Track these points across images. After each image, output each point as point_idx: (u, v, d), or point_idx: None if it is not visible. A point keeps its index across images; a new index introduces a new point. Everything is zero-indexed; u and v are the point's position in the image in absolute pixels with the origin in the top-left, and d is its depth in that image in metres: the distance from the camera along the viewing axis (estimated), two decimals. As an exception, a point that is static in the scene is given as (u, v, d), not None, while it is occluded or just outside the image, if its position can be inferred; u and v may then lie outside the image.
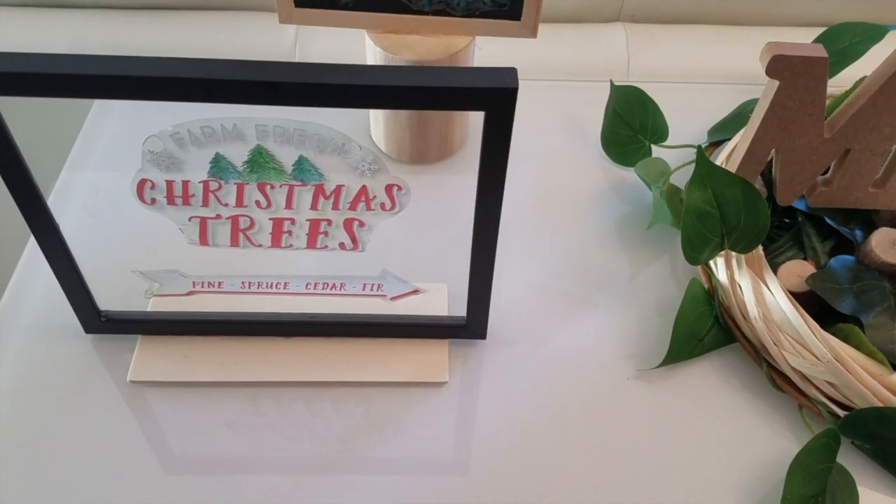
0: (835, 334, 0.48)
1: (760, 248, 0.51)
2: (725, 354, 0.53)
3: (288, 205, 0.43)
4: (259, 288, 0.50)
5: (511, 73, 0.37)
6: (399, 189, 0.43)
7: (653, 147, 0.63)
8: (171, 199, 0.42)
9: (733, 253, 0.51)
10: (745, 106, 0.66)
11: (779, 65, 0.45)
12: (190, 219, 0.44)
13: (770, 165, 0.53)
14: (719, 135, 0.65)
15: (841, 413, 0.48)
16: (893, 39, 0.61)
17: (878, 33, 0.61)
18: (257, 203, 0.43)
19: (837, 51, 0.61)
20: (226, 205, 0.43)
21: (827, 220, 0.55)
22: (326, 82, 0.36)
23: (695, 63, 0.74)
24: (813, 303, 0.51)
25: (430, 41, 0.56)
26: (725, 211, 0.49)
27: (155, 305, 0.53)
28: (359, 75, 0.36)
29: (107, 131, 0.66)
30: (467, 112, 0.64)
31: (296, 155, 0.40)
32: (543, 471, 0.48)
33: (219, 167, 0.41)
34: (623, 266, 0.59)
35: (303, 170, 0.41)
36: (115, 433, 0.48)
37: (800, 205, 0.55)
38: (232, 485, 0.47)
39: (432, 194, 0.62)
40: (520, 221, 0.61)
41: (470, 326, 0.52)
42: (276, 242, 0.46)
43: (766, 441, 0.49)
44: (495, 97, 0.37)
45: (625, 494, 0.47)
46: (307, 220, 0.45)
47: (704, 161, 0.49)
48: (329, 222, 0.45)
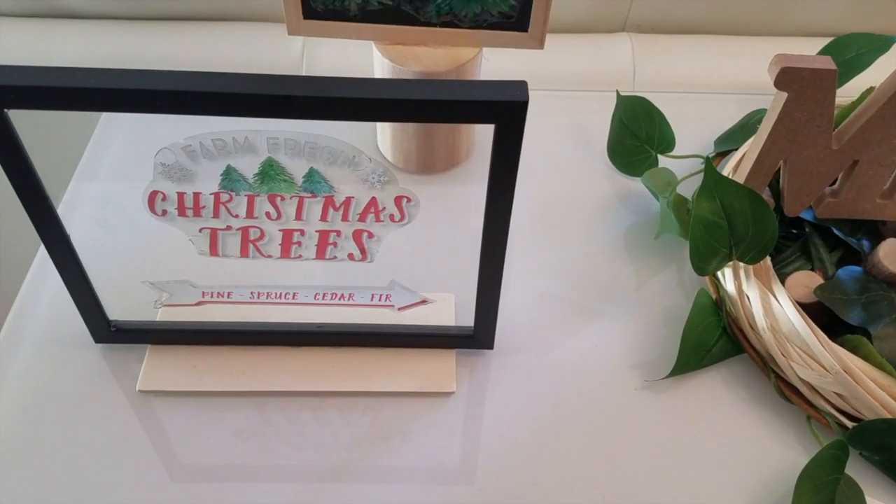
0: (843, 345, 0.48)
1: (768, 259, 0.51)
2: (733, 365, 0.53)
3: (298, 216, 0.44)
4: (268, 298, 0.50)
5: (521, 87, 0.37)
6: (408, 201, 0.43)
7: (659, 157, 0.63)
8: (183, 211, 0.43)
9: (741, 264, 0.51)
10: (752, 116, 0.66)
11: (787, 77, 0.45)
12: (200, 230, 0.44)
13: (778, 176, 0.53)
14: (726, 145, 0.65)
15: (849, 424, 0.48)
16: (900, 50, 0.62)
17: (885, 44, 0.61)
18: (267, 214, 0.43)
19: (844, 61, 0.61)
20: (236, 216, 0.43)
21: (834, 231, 0.55)
22: (339, 96, 0.36)
23: (700, 73, 0.74)
24: (821, 313, 0.51)
25: (438, 52, 0.56)
26: (733, 222, 0.49)
27: (164, 315, 0.53)
28: (371, 89, 0.36)
29: (116, 141, 0.66)
30: (475, 122, 0.64)
31: (306, 167, 0.41)
32: (551, 481, 0.48)
33: (230, 179, 0.41)
34: (630, 276, 0.59)
35: (313, 182, 0.41)
36: (124, 442, 0.49)
37: (807, 215, 0.56)
38: (239, 493, 0.47)
39: (439, 204, 0.62)
40: (527, 231, 0.61)
41: (477, 337, 0.52)
42: (286, 253, 0.46)
43: (775, 452, 0.49)
44: (506, 110, 0.37)
45: (633, 505, 0.47)
46: (317, 231, 0.45)
47: (712, 172, 0.49)
48: (338, 233, 0.45)
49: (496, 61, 0.63)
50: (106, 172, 0.64)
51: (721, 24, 0.76)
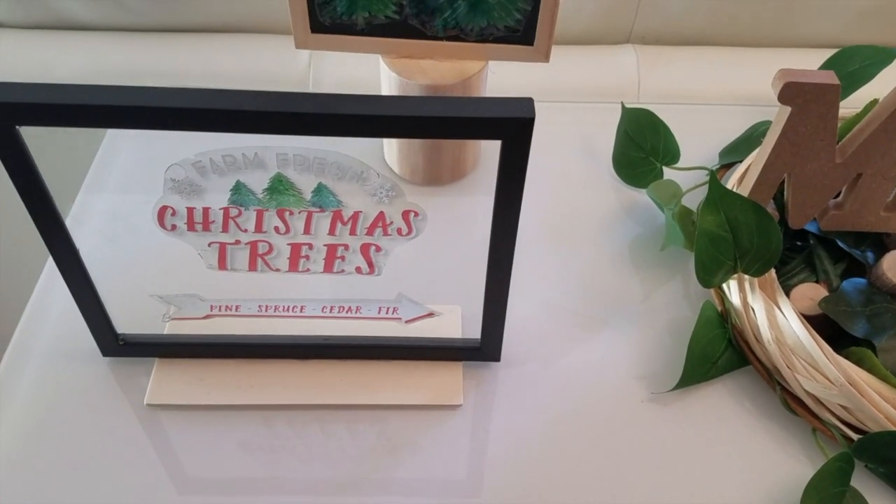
0: (847, 357, 0.48)
1: (773, 272, 0.52)
2: (739, 377, 0.53)
3: (306, 230, 0.44)
4: (275, 311, 0.50)
5: (528, 103, 0.37)
6: (416, 215, 0.43)
7: (664, 169, 0.64)
8: (192, 226, 0.43)
9: (746, 276, 0.52)
10: (756, 128, 0.66)
11: (791, 91, 0.45)
12: (209, 244, 0.44)
13: (782, 189, 0.53)
14: (730, 157, 0.65)
15: (854, 437, 0.48)
16: (903, 63, 0.62)
17: (888, 56, 0.61)
18: (276, 229, 0.44)
19: (847, 74, 0.61)
20: (245, 230, 0.44)
21: (838, 243, 0.55)
22: (347, 113, 0.36)
23: (704, 84, 0.75)
24: (825, 325, 0.51)
25: (444, 66, 0.57)
26: (738, 235, 0.50)
27: (171, 328, 0.54)
28: (379, 106, 0.37)
29: (123, 154, 0.67)
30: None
31: (315, 182, 0.41)
32: (557, 494, 0.48)
33: (239, 194, 0.41)
34: (635, 287, 0.59)
35: (322, 197, 0.42)
36: (132, 455, 0.49)
37: (812, 227, 0.56)
38: (247, 507, 0.47)
39: (446, 216, 0.63)
40: (532, 242, 0.62)
41: (484, 349, 0.52)
42: (294, 267, 0.47)
43: (780, 464, 0.49)
44: (512, 127, 0.37)
45: (640, 518, 0.47)
46: (324, 245, 0.45)
47: (717, 186, 0.49)
48: (346, 247, 0.45)
49: (502, 73, 0.64)
50: (113, 185, 0.64)
51: (725, 36, 0.76)
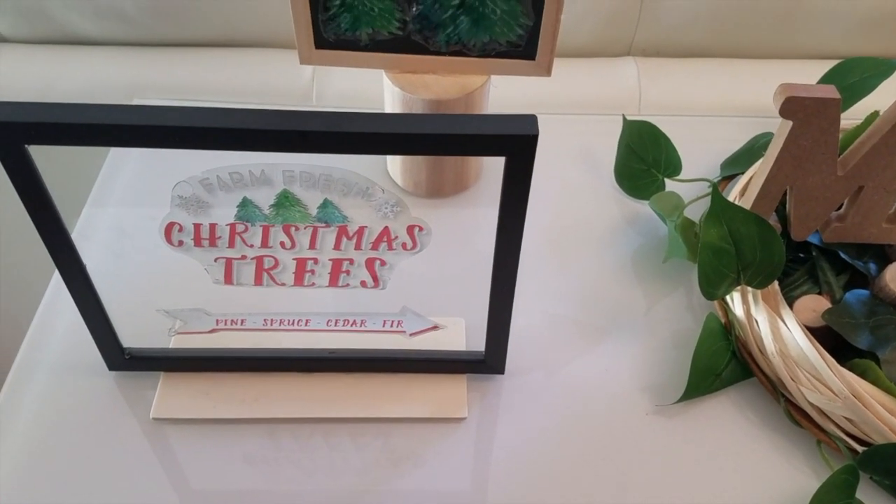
0: (851, 369, 0.48)
1: (776, 284, 0.52)
2: (743, 389, 0.54)
3: (312, 245, 0.44)
4: (281, 325, 0.51)
5: (531, 120, 0.38)
6: (420, 229, 0.44)
7: (666, 181, 0.64)
8: (199, 242, 0.43)
9: (749, 288, 0.52)
10: (757, 139, 0.67)
11: (792, 106, 0.46)
12: (216, 259, 0.45)
13: (784, 201, 0.54)
14: (732, 168, 0.65)
15: (859, 449, 0.48)
16: (903, 74, 0.62)
17: (888, 68, 0.61)
18: (282, 244, 0.44)
19: (848, 86, 0.62)
20: (251, 246, 0.44)
21: (841, 255, 0.56)
22: (353, 131, 0.37)
23: (705, 96, 0.75)
24: (829, 337, 0.51)
25: (447, 80, 0.57)
26: (741, 247, 0.50)
27: (177, 342, 0.54)
28: (383, 124, 0.37)
29: (128, 168, 0.67)
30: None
31: (321, 198, 0.41)
32: (563, 507, 0.48)
33: (246, 210, 0.41)
34: (639, 299, 0.60)
35: (327, 212, 0.42)
36: (138, 469, 0.49)
37: (814, 239, 0.56)
38: (252, 521, 0.47)
39: (448, 228, 0.63)
40: (535, 254, 0.62)
41: (488, 362, 0.53)
42: (299, 281, 0.47)
43: (785, 477, 0.50)
44: (516, 143, 0.38)
45: (645, 531, 0.47)
46: (330, 260, 0.45)
47: (720, 198, 0.49)
48: (351, 261, 0.46)
49: (503, 86, 0.64)
50: (119, 199, 0.64)
51: (725, 48, 0.77)
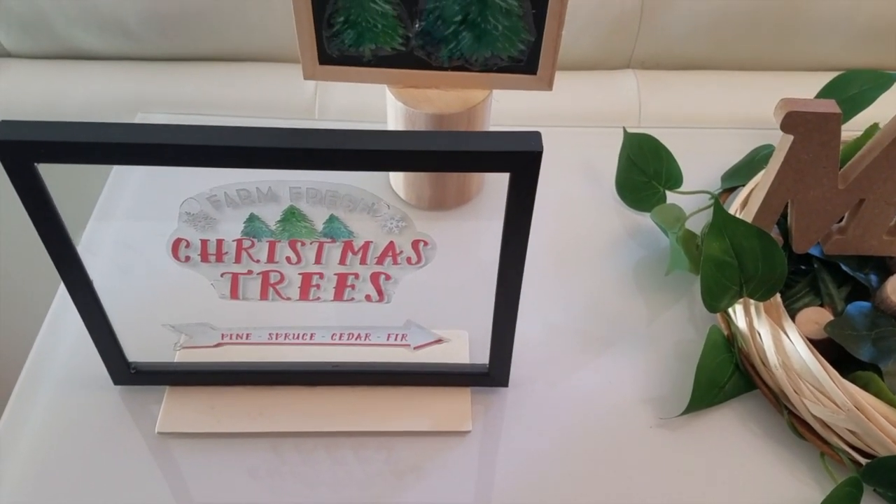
0: (854, 381, 0.49)
1: (778, 296, 0.52)
2: (746, 401, 0.54)
3: (317, 260, 0.45)
4: (286, 339, 0.51)
5: (535, 137, 0.38)
6: (425, 244, 0.44)
7: (667, 193, 0.64)
8: (205, 257, 0.44)
9: (752, 301, 0.52)
10: (757, 152, 0.67)
11: (793, 120, 0.46)
12: (222, 274, 0.45)
13: (786, 214, 0.54)
14: (733, 181, 0.66)
15: (863, 461, 0.48)
16: (902, 87, 0.63)
17: (887, 81, 0.62)
18: (288, 259, 0.44)
19: (847, 98, 0.62)
20: (257, 261, 0.44)
21: (842, 267, 0.56)
22: (359, 148, 0.37)
23: (705, 108, 0.76)
24: (831, 349, 0.51)
25: (449, 95, 0.58)
26: (743, 260, 0.50)
27: (182, 357, 0.54)
28: (388, 141, 0.38)
29: (133, 181, 0.67)
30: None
31: (327, 214, 0.42)
32: (568, 520, 0.48)
33: (252, 226, 0.42)
34: (641, 311, 0.60)
35: (333, 228, 0.42)
36: (143, 484, 0.49)
37: (815, 251, 0.56)
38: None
39: (451, 240, 0.63)
40: (537, 266, 0.62)
41: (492, 375, 0.53)
42: (304, 295, 0.47)
43: (789, 489, 0.50)
44: (521, 160, 0.38)
45: (650, 544, 0.48)
46: (335, 275, 0.46)
47: (721, 212, 0.50)
48: (356, 276, 0.46)
49: (505, 100, 0.65)
50: (124, 213, 0.65)
51: (725, 60, 0.77)
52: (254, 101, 0.74)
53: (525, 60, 0.56)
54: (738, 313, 0.53)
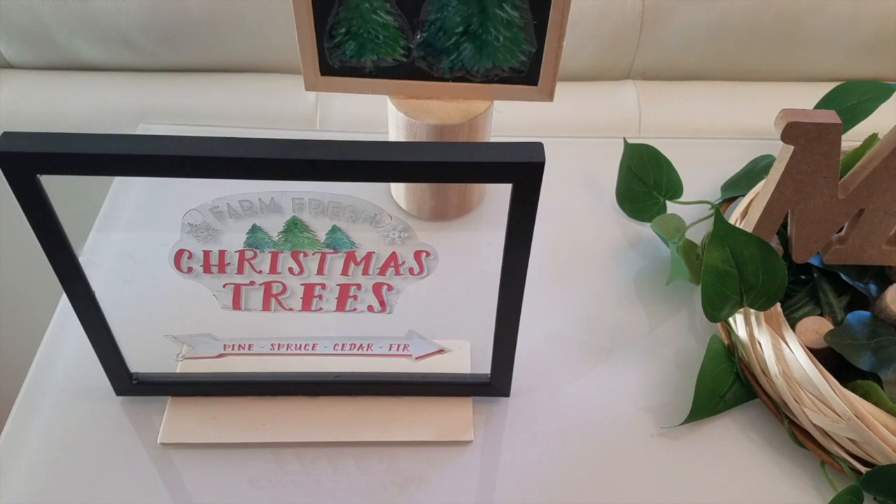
0: (854, 390, 0.49)
1: (778, 305, 0.52)
2: (747, 410, 0.54)
3: (320, 271, 0.45)
4: (288, 350, 0.51)
5: (537, 148, 0.38)
6: (427, 255, 0.44)
7: (667, 203, 0.65)
8: (208, 268, 0.44)
9: (752, 310, 0.52)
10: (757, 162, 0.67)
11: (793, 131, 0.46)
12: (224, 285, 0.45)
13: (786, 224, 0.54)
14: (732, 191, 0.66)
15: (863, 469, 0.48)
16: (901, 97, 0.63)
17: (886, 92, 0.62)
18: (290, 270, 0.44)
19: (847, 109, 0.63)
20: (260, 272, 0.44)
21: (842, 276, 0.56)
22: (362, 159, 0.37)
23: (704, 118, 0.76)
24: (831, 358, 0.52)
25: (451, 106, 0.58)
26: (744, 270, 0.50)
27: (184, 367, 0.54)
28: (392, 152, 0.38)
29: (135, 191, 0.67)
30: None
31: (329, 225, 0.42)
32: (570, 530, 0.48)
33: (255, 237, 0.42)
34: (642, 320, 0.60)
35: (336, 239, 0.42)
36: (145, 494, 0.49)
37: (815, 261, 0.57)
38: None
39: (452, 251, 0.63)
40: (538, 276, 0.62)
41: (494, 385, 0.53)
42: (307, 306, 0.47)
43: (790, 498, 0.50)
44: (523, 171, 0.38)
45: (652, 554, 0.48)
46: (337, 285, 0.46)
47: (722, 222, 0.50)
48: (358, 286, 0.46)
49: (506, 111, 0.65)
50: (126, 223, 0.65)
51: (724, 71, 0.78)
52: (255, 112, 0.74)
53: (526, 71, 0.56)
54: (739, 323, 0.54)
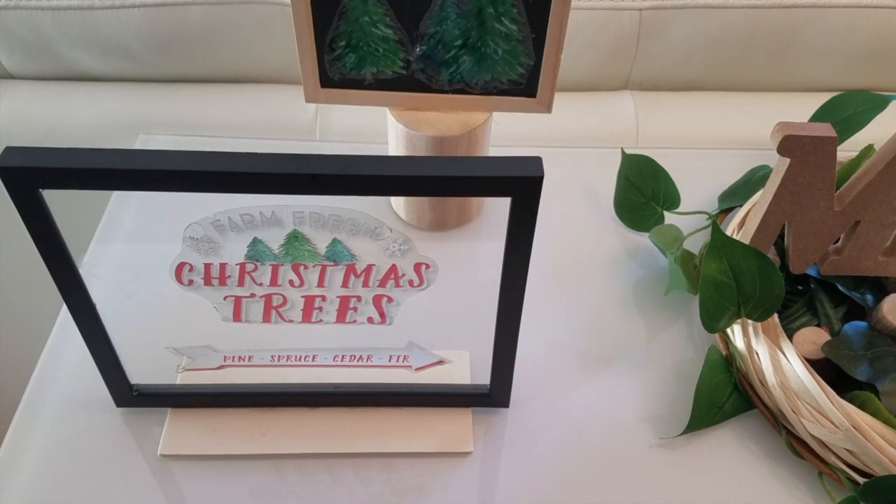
0: (851, 401, 0.49)
1: (776, 316, 0.53)
2: (745, 421, 0.54)
3: (320, 283, 0.45)
4: (288, 361, 0.51)
5: (536, 163, 0.39)
6: (427, 267, 0.45)
7: (665, 213, 0.65)
8: (209, 281, 0.44)
9: (750, 321, 0.53)
10: (754, 172, 0.68)
11: (789, 144, 0.47)
12: (225, 298, 0.45)
13: (783, 235, 0.55)
14: (729, 201, 0.66)
15: (861, 480, 0.48)
16: (896, 108, 0.64)
17: (882, 103, 0.63)
18: (290, 282, 0.45)
19: (842, 120, 0.63)
20: (260, 284, 0.45)
21: (838, 287, 0.56)
22: (362, 174, 0.37)
23: (702, 129, 0.76)
24: (828, 369, 0.52)
25: (450, 118, 0.58)
26: (741, 281, 0.51)
27: (184, 378, 0.54)
28: (392, 166, 0.38)
29: (135, 203, 0.68)
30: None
31: (330, 238, 0.42)
32: (569, 541, 0.49)
33: (256, 250, 0.42)
34: (641, 330, 0.60)
35: (336, 251, 0.43)
36: (145, 506, 0.49)
37: (812, 272, 0.57)
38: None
39: (451, 261, 0.63)
40: (537, 286, 0.62)
41: (493, 395, 0.53)
42: (307, 318, 0.47)
43: (789, 509, 0.50)
44: (522, 185, 0.39)
45: (651, 564, 0.48)
46: (338, 297, 0.46)
47: (719, 234, 0.50)
48: (359, 298, 0.46)
49: (505, 122, 0.65)
50: (126, 234, 0.65)
51: (721, 82, 0.78)
52: (256, 122, 0.75)
53: (524, 84, 0.57)
54: (737, 333, 0.54)
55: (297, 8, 0.52)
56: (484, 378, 0.53)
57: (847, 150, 0.60)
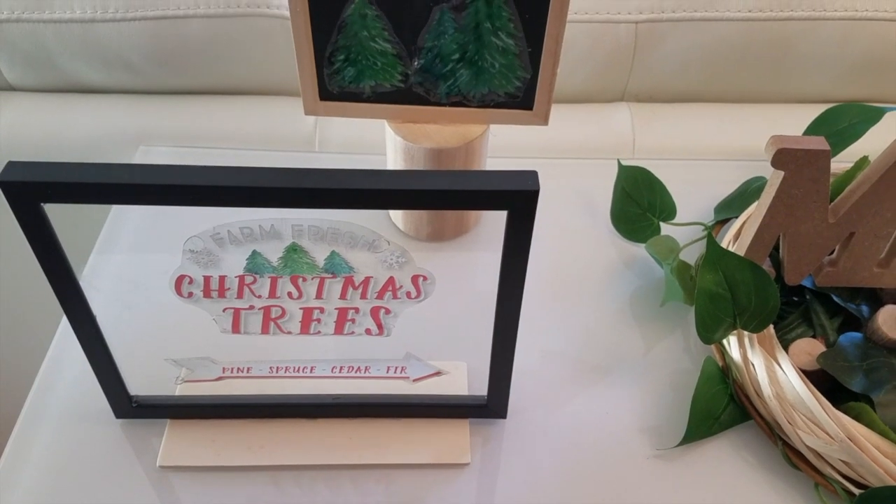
0: (846, 412, 0.49)
1: (771, 328, 0.53)
2: (741, 432, 0.54)
3: (318, 295, 0.45)
4: (286, 372, 0.52)
5: (532, 176, 0.39)
6: (424, 279, 0.45)
7: (661, 224, 0.65)
8: (208, 293, 0.44)
9: (745, 332, 0.53)
10: (749, 184, 0.68)
11: (783, 157, 0.47)
12: (224, 310, 0.46)
13: (778, 247, 0.55)
14: (725, 213, 0.67)
15: (856, 491, 0.49)
16: (891, 120, 0.64)
17: (876, 114, 0.63)
18: (289, 294, 0.45)
19: (837, 131, 0.64)
20: (259, 296, 0.45)
21: (834, 298, 0.57)
22: (361, 188, 0.38)
23: (697, 140, 0.77)
24: (824, 380, 0.52)
25: (447, 130, 0.59)
26: (737, 293, 0.51)
27: (183, 390, 0.54)
28: (390, 180, 0.38)
29: (135, 215, 0.68)
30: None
31: (328, 251, 0.42)
32: (566, 552, 0.49)
33: (255, 263, 0.43)
34: (637, 341, 0.61)
35: (334, 264, 0.43)
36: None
37: (807, 283, 0.57)
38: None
39: (449, 271, 0.64)
40: (534, 297, 0.62)
41: (490, 406, 0.53)
42: (305, 329, 0.48)
43: (785, 519, 0.50)
44: (518, 199, 0.39)
45: (647, 575, 0.48)
46: (336, 309, 0.46)
47: (715, 246, 0.51)
48: (357, 310, 0.47)
49: (502, 134, 0.66)
50: (126, 247, 0.65)
51: (717, 93, 0.79)
52: (255, 134, 0.75)
53: (521, 96, 0.57)
54: (733, 345, 0.54)
55: (297, 22, 0.53)
56: (481, 389, 0.53)
57: (842, 162, 0.61)
